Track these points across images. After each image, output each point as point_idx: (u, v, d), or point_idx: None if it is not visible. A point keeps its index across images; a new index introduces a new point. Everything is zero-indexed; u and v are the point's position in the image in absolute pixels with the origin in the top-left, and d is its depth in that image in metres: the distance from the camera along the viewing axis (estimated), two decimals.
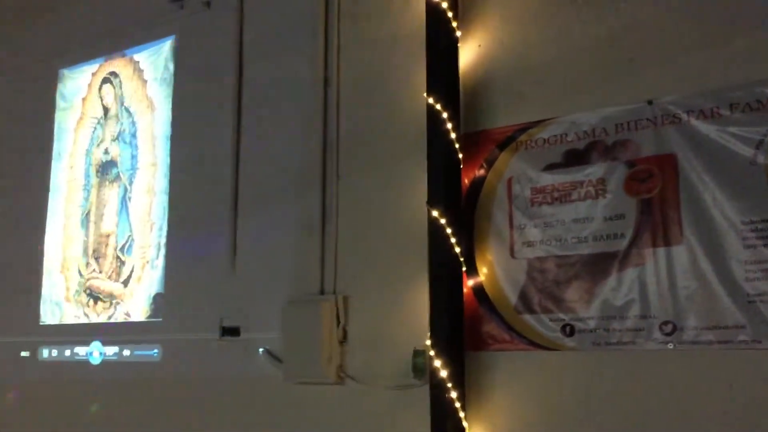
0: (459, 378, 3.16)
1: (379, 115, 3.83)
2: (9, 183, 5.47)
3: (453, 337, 3.22)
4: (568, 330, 3.14)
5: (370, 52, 3.93)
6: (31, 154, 5.42)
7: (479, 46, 3.58)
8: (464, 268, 3.33)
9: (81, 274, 5.01)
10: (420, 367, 3.35)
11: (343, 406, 3.72)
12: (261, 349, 4.02)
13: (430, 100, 3.39)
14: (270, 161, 4.22)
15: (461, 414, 3.15)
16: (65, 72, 5.39)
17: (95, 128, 5.16)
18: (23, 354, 5.19)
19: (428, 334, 3.29)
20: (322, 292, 3.89)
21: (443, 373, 3.14)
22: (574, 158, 3.25)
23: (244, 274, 4.22)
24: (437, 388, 3.15)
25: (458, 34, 3.52)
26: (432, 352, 3.21)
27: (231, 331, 4.21)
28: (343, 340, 3.76)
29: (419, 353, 3.37)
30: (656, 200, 3.03)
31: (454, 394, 3.12)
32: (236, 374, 4.15)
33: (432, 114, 3.38)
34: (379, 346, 3.65)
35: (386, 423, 3.57)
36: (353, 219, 3.87)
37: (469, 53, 3.56)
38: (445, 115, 3.34)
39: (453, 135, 3.35)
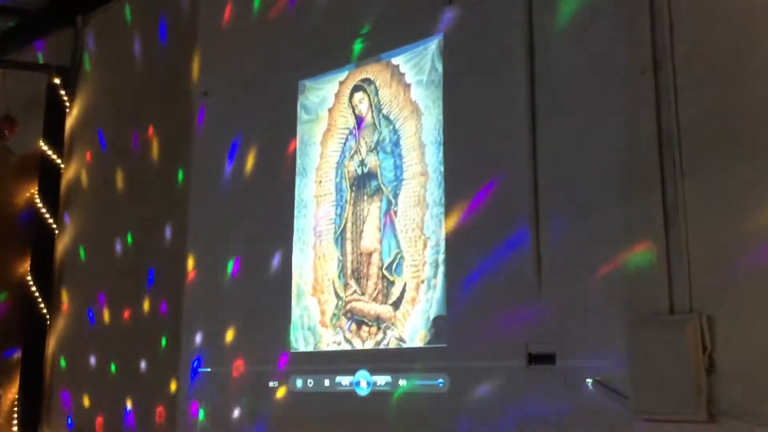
0: None
1: (739, 98, 3.23)
2: (253, 202, 5.20)
3: None
4: None
5: (715, 24, 3.35)
6: (274, 171, 5.13)
7: None
8: None
9: (339, 297, 4.62)
10: None
11: None
12: (590, 380, 3.44)
13: None
14: (580, 162, 3.68)
15: None
16: (306, 83, 5.09)
17: (347, 139, 4.80)
18: (272, 384, 4.84)
19: None
20: (671, 312, 3.29)
21: None
22: None
23: (554, 292, 3.67)
24: None
25: None
26: None
27: (542, 359, 3.66)
28: (710, 369, 3.13)
29: None
30: None
31: None
32: (552, 408, 3.57)
33: None
34: (764, 376, 3.00)
35: None
36: (708, 223, 3.25)
37: None
38: None
39: None
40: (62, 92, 6.99)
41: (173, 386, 5.53)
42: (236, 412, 4.99)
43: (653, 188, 3.40)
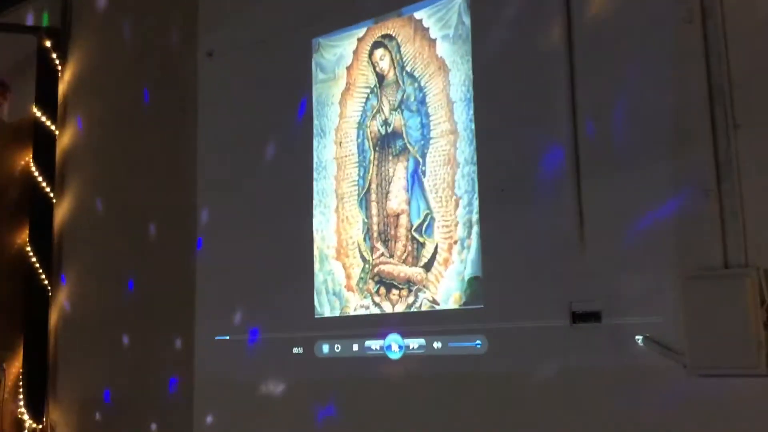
0: None
1: None
2: (268, 166, 5.03)
3: None
4: None
5: None
6: (289, 134, 4.96)
7: None
8: None
9: (365, 260, 4.51)
10: None
11: None
12: (639, 337, 3.39)
13: None
14: (625, 114, 3.58)
15: None
16: (321, 41, 4.91)
17: (367, 98, 4.65)
18: (296, 351, 4.74)
19: None
20: (725, 266, 3.23)
21: None
22: None
23: (598, 248, 3.60)
24: None
25: None
26: None
27: (586, 317, 3.60)
28: None
29: None
30: None
31: None
32: (599, 367, 3.53)
33: None
34: None
35: None
36: (763, 175, 3.19)
37: None
38: None
39: None
40: (54, 55, 6.70)
41: (189, 356, 5.41)
42: (260, 380, 4.89)
43: (704, 140, 3.32)
